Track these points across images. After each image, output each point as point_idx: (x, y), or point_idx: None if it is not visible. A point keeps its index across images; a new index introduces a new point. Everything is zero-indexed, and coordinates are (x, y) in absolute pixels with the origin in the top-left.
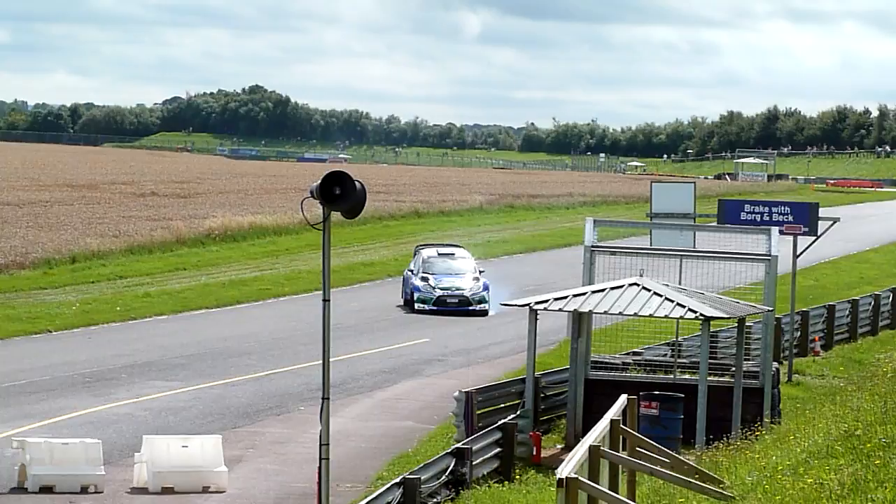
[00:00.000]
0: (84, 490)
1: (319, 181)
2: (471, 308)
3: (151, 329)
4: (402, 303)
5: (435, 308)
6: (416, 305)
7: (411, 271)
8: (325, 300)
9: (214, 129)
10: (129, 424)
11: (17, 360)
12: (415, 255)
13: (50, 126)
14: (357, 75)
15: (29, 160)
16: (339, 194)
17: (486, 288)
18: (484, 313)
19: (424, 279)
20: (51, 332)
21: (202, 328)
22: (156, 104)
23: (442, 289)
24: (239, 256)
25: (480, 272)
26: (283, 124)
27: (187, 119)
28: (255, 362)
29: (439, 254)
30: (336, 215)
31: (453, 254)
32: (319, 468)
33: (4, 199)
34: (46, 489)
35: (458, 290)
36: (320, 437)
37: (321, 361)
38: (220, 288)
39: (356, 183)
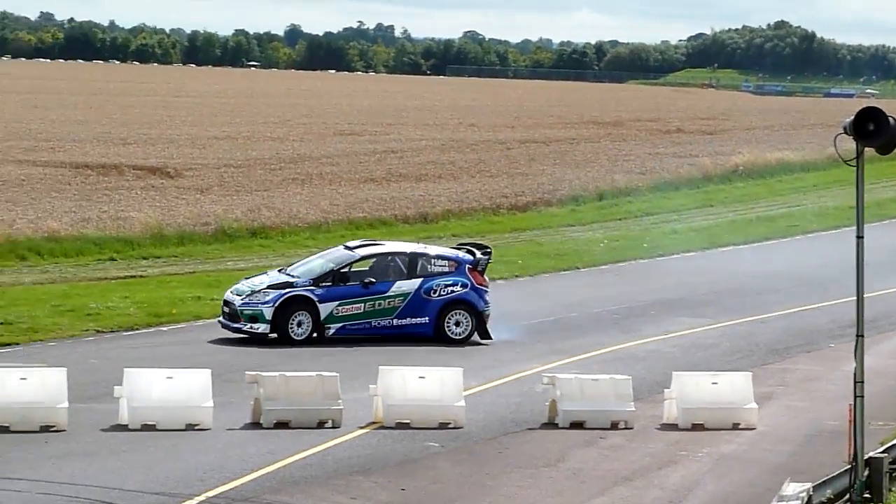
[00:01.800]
0: (614, 426)
1: (853, 117)
2: (235, 326)
3: (678, 265)
4: None
5: (221, 320)
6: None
7: None
8: (859, 237)
9: (739, 65)
10: (658, 361)
11: (546, 297)
12: None
13: (574, 64)
14: (884, 8)
15: (554, 98)
16: (873, 130)
17: (274, 302)
18: (257, 337)
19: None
20: (579, 268)
21: (729, 265)
22: (680, 41)
23: (231, 292)
24: (766, 193)
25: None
26: (809, 60)
27: (712, 55)
28: (784, 299)
29: (347, 247)
30: (868, 151)
31: (356, 248)
32: (854, 405)
33: (532, 137)
34: (577, 425)
35: (237, 295)
36: (854, 374)
37: (853, 298)
38: (747, 224)
39: (890, 119)
